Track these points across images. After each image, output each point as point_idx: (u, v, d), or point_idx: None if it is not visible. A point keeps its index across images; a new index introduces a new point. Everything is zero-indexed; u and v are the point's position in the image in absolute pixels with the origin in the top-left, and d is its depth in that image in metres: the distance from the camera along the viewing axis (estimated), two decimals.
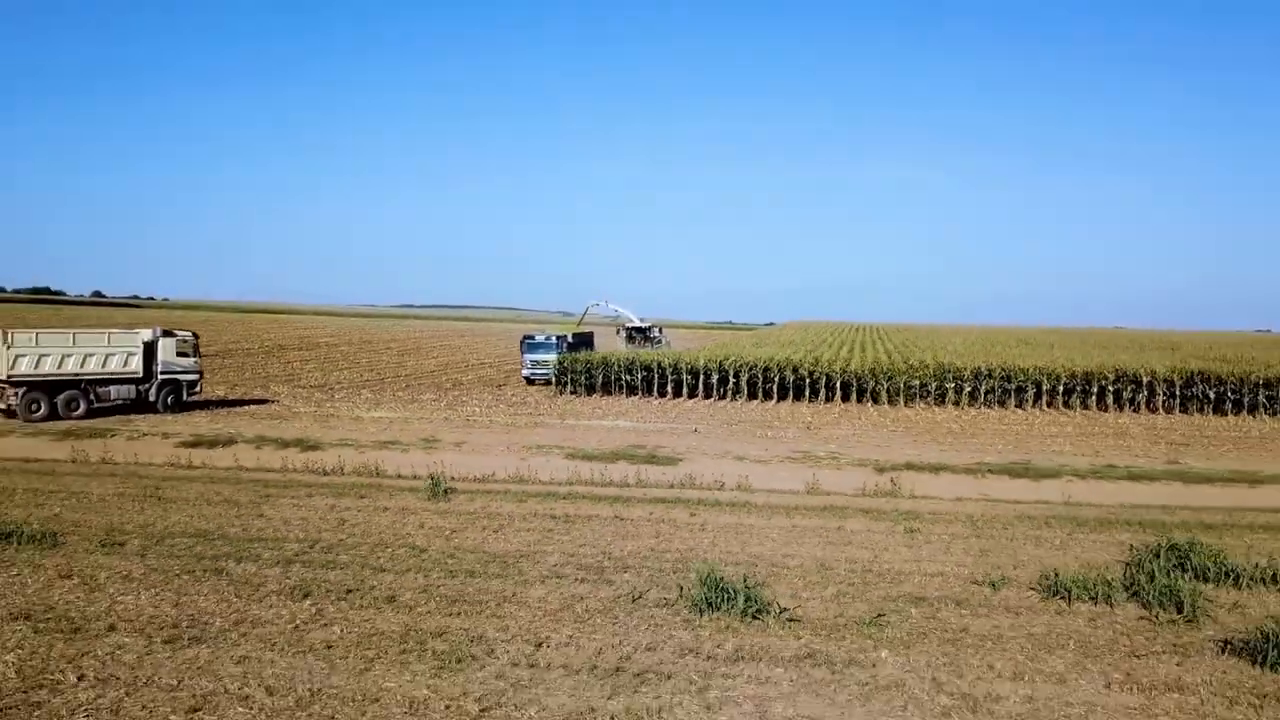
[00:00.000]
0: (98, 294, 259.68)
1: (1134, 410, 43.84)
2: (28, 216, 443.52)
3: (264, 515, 18.72)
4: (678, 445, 29.49)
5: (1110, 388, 44.88)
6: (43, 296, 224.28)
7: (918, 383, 45.68)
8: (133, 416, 33.62)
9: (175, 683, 10.22)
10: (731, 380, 46.72)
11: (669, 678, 10.76)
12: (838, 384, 46.29)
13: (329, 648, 11.43)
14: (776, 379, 46.63)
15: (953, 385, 45.52)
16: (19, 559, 14.95)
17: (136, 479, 22.74)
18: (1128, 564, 15.86)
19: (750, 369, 46.68)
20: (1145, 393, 44.53)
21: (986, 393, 45.37)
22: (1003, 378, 45.61)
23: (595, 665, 11.07)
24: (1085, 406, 44.79)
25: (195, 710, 9.57)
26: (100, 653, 11.04)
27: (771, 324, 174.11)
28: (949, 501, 22.11)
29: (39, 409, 32.27)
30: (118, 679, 10.28)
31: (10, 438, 29.01)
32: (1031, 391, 45.46)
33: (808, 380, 46.49)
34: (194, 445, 28.02)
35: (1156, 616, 13.35)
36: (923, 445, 31.18)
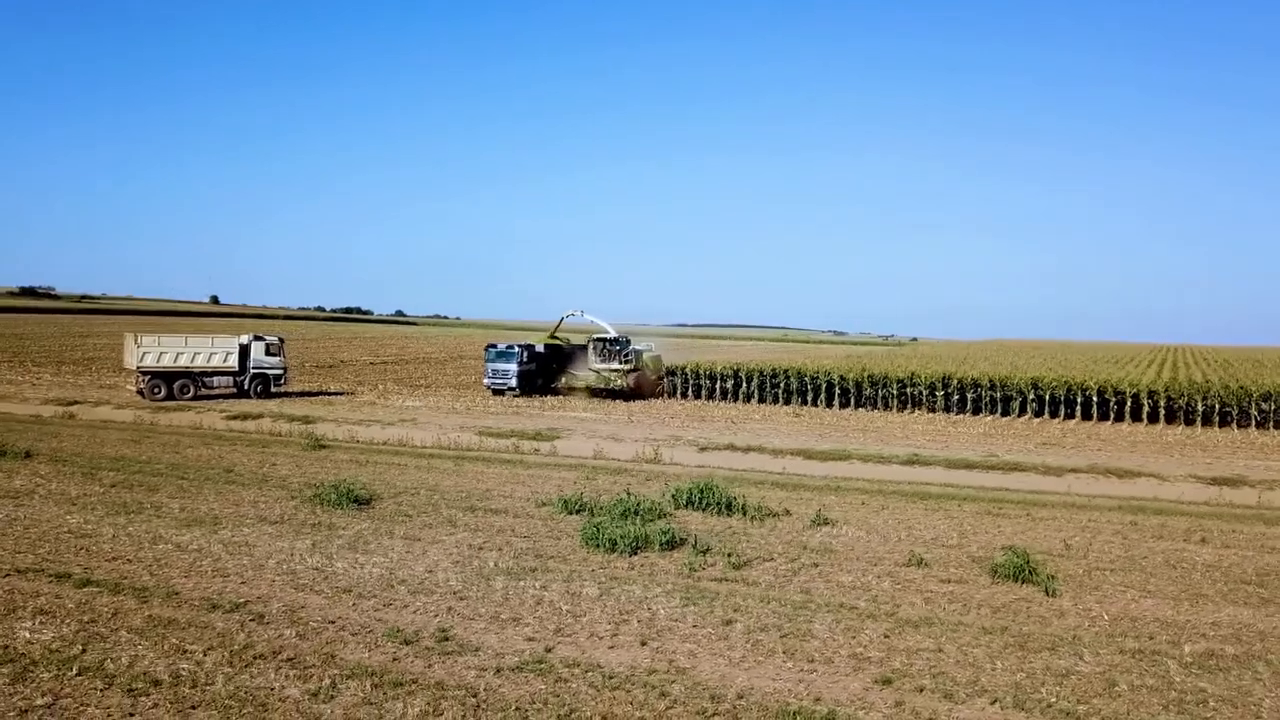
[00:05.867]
0: (399, 313, 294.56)
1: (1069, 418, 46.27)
2: (343, 245, 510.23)
3: (181, 454, 28.20)
4: (579, 430, 36.42)
5: (1031, 396, 48.12)
6: (353, 316, 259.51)
7: (882, 389, 50.19)
8: (227, 400, 45.05)
9: (46, 516, 19.33)
10: (719, 383, 52.77)
11: (239, 525, 18.60)
12: (819, 385, 51.14)
13: (106, 513, 20.27)
14: (754, 381, 52.23)
15: (925, 391, 49.65)
16: (2, 463, 25.13)
17: (154, 433, 33.32)
18: (673, 495, 21.70)
19: (736, 373, 52.59)
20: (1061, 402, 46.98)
21: (945, 398, 49.22)
22: (915, 384, 49.84)
23: (220, 518, 19.12)
24: (1006, 414, 47.71)
25: (6, 518, 18.63)
26: (15, 505, 20.17)
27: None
28: (689, 467, 28.11)
29: (160, 391, 44.42)
30: (21, 514, 19.49)
31: (127, 409, 40.82)
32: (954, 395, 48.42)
33: (784, 382, 51.81)
34: (233, 418, 38.51)
35: (613, 510, 19.52)
36: (793, 436, 36.16)
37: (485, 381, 52.09)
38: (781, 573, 16.13)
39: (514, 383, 50.64)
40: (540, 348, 53.20)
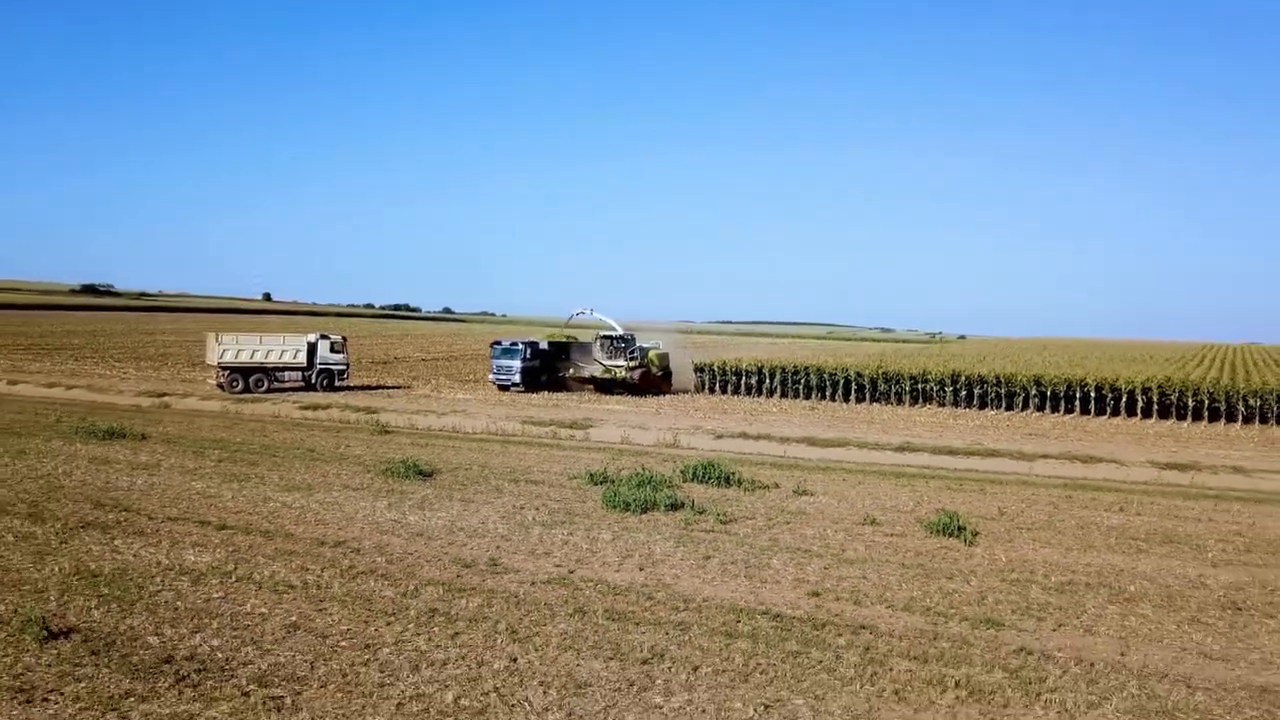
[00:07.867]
0: (447, 310, 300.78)
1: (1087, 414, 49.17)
2: (391, 244, 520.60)
3: (269, 437, 33.04)
4: (610, 420, 40.82)
5: (1034, 392, 52.20)
6: (401, 313, 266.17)
7: (906, 387, 53.85)
8: (297, 394, 50.10)
9: (175, 482, 24.16)
10: (743, 379, 56.95)
11: (329, 490, 23.22)
12: (837, 381, 55.05)
13: (221, 480, 25.06)
14: (776, 377, 56.27)
15: (935, 387, 53.31)
16: (126, 443, 30.10)
17: (241, 420, 38.30)
18: (681, 471, 25.98)
19: (759, 370, 56.81)
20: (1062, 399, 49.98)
21: (954, 393, 53.05)
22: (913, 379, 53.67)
23: (313, 485, 23.78)
24: (1010, 408, 51.14)
25: (146, 483, 23.45)
26: (149, 474, 25.14)
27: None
28: (702, 450, 32.34)
29: (238, 385, 49.61)
30: (155, 480, 24.20)
31: (213, 400, 46.00)
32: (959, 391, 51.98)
33: (804, 378, 55.84)
34: (305, 408, 43.40)
35: (630, 482, 23.85)
36: (802, 427, 40.22)
37: (490, 378, 53.49)
38: (758, 527, 20.34)
39: (518, 378, 52.02)
40: (544, 345, 54.65)
